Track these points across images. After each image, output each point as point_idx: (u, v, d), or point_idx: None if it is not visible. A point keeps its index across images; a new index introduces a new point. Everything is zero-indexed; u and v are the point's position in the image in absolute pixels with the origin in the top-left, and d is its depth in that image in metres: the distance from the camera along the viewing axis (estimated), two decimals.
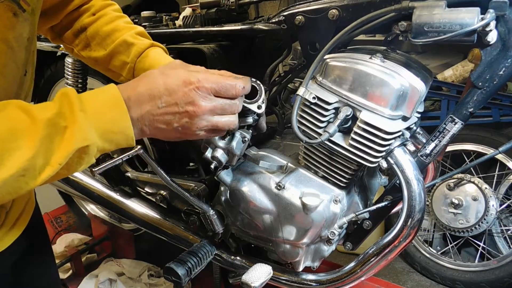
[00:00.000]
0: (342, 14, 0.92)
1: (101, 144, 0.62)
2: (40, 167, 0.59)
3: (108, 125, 0.63)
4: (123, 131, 0.64)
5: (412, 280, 2.23)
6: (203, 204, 1.07)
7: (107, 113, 0.63)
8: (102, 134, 0.62)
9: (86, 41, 0.94)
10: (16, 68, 0.70)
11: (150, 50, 0.93)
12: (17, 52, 0.69)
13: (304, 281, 1.06)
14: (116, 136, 0.63)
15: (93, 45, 0.94)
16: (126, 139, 0.65)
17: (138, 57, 0.92)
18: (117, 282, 1.89)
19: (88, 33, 0.94)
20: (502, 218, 2.16)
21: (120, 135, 0.64)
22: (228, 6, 1.22)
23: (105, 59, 0.94)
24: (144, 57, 0.92)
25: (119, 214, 1.40)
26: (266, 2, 3.04)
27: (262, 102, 0.79)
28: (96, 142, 0.62)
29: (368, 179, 1.10)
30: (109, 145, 0.64)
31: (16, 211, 0.80)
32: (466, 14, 0.74)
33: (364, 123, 0.84)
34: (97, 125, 0.62)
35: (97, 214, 2.13)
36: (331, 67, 0.87)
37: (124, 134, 0.64)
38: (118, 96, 0.64)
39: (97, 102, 0.63)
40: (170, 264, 0.98)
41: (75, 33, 0.94)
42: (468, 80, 0.86)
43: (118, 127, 0.63)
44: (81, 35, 0.94)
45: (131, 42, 0.93)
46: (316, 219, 0.94)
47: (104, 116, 0.63)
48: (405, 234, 0.89)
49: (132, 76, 0.93)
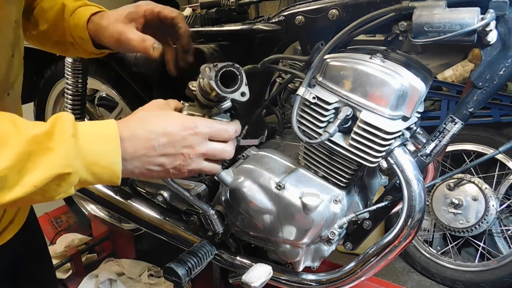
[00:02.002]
0: (342, 14, 0.92)
1: (84, 175, 0.60)
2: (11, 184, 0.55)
3: (97, 157, 0.60)
4: (110, 167, 0.62)
5: (412, 280, 2.23)
6: (203, 204, 1.07)
7: (99, 145, 0.61)
8: (88, 165, 0.60)
9: (35, 20, 0.95)
10: (5, 48, 0.71)
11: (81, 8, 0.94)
12: (5, 33, 0.70)
13: (304, 281, 1.06)
14: (101, 170, 0.61)
15: (40, 22, 0.95)
16: (111, 176, 0.62)
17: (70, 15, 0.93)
18: (117, 282, 1.89)
19: (36, 12, 0.94)
20: (502, 218, 2.17)
21: (106, 170, 0.62)
22: (228, 6, 1.22)
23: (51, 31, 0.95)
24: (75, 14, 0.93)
25: (119, 214, 1.40)
26: (266, 2, 3.04)
27: (246, 87, 0.73)
28: (79, 172, 0.59)
29: (368, 179, 1.10)
30: (92, 178, 0.61)
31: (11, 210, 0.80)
32: (466, 14, 0.74)
33: (364, 123, 0.84)
34: (85, 154, 0.59)
35: (97, 214, 2.13)
36: (331, 67, 0.87)
37: (111, 170, 0.62)
38: (115, 131, 0.63)
39: (92, 132, 0.62)
40: (170, 264, 0.98)
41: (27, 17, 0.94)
42: (468, 80, 0.86)
43: (106, 162, 0.61)
44: (30, 17, 0.95)
45: (65, 4, 0.94)
46: (316, 219, 0.94)
47: (95, 147, 0.61)
48: (405, 234, 0.89)
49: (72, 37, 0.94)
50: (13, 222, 0.81)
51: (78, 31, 0.93)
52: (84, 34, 0.92)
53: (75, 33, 0.93)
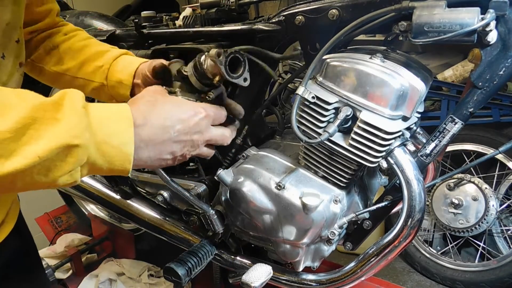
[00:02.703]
0: (342, 14, 0.91)
1: (93, 153, 0.54)
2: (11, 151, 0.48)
3: (108, 135, 0.56)
4: (122, 148, 0.57)
5: (412, 280, 2.23)
6: (203, 204, 1.07)
7: (110, 123, 0.57)
8: (98, 143, 0.55)
9: (59, 56, 0.95)
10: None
11: (125, 56, 0.96)
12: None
13: (304, 281, 1.06)
14: (112, 151, 0.56)
15: (65, 59, 0.95)
16: (123, 159, 0.58)
17: (113, 60, 0.93)
18: (117, 282, 1.89)
19: (61, 49, 0.95)
20: (502, 218, 2.17)
21: (117, 151, 0.57)
22: (228, 6, 1.22)
23: (75, 68, 0.94)
24: (119, 60, 0.94)
25: (119, 214, 1.40)
26: (266, 2, 3.05)
27: (247, 73, 0.74)
28: (89, 147, 0.54)
29: (368, 179, 1.10)
30: (101, 160, 0.56)
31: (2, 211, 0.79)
32: (466, 14, 0.74)
33: (364, 123, 0.84)
34: (95, 129, 0.55)
35: (97, 214, 2.14)
36: (331, 67, 0.87)
37: (122, 152, 0.57)
38: (128, 113, 0.60)
39: (103, 109, 0.58)
40: (170, 264, 0.98)
41: (47, 51, 0.95)
42: (468, 80, 0.86)
43: (118, 141, 0.57)
44: (53, 52, 0.95)
45: (105, 50, 0.95)
46: (316, 219, 0.94)
47: (106, 125, 0.56)
48: (405, 234, 0.89)
49: (105, 79, 0.93)
50: (4, 223, 0.80)
51: (119, 76, 0.92)
52: (127, 79, 0.92)
53: (114, 77, 0.93)
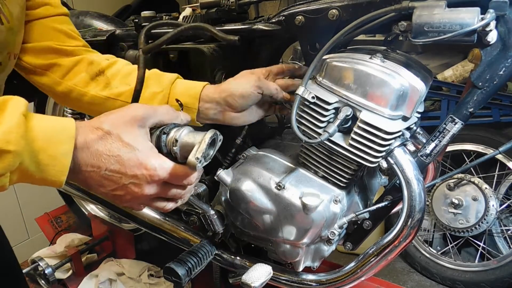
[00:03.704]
0: (342, 14, 0.91)
1: (27, 160, 0.51)
2: None
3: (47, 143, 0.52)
4: (59, 159, 0.53)
5: (412, 280, 2.23)
6: (203, 204, 1.07)
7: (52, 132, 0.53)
8: (35, 151, 0.51)
9: (106, 81, 0.94)
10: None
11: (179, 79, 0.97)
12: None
13: (304, 281, 1.06)
14: (48, 160, 0.52)
15: (113, 83, 0.94)
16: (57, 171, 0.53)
17: (172, 83, 0.94)
18: (117, 282, 1.88)
19: (108, 74, 0.95)
20: (502, 218, 2.17)
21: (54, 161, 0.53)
22: (228, 6, 1.22)
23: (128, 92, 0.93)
24: (176, 83, 0.95)
25: (119, 214, 1.40)
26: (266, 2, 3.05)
27: None
28: (22, 155, 0.50)
29: (368, 179, 1.10)
30: (34, 169, 0.52)
31: None
32: (466, 14, 0.74)
33: (364, 123, 0.84)
34: (34, 136, 0.51)
35: (97, 214, 2.13)
36: (331, 67, 0.87)
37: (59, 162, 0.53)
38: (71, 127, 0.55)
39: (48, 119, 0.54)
40: (170, 264, 0.98)
41: (92, 76, 0.94)
42: (468, 80, 0.86)
43: (56, 151, 0.53)
44: (98, 77, 0.94)
45: (160, 73, 0.96)
46: (316, 219, 0.94)
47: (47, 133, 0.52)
48: (405, 234, 0.89)
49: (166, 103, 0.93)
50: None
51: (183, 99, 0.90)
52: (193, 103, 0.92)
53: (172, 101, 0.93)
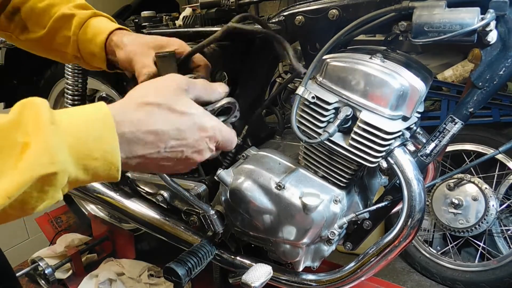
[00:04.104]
0: (342, 14, 0.92)
1: (74, 172, 0.46)
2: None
3: (88, 145, 0.46)
4: (107, 157, 0.48)
5: (412, 280, 2.23)
6: (203, 204, 1.07)
7: (88, 130, 0.47)
8: (78, 159, 0.46)
9: (22, 23, 0.85)
10: None
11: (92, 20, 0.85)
12: None
13: (304, 281, 1.06)
14: (95, 163, 0.47)
15: (30, 26, 0.84)
16: (109, 169, 0.48)
17: (80, 29, 0.83)
18: (117, 282, 1.88)
19: (22, 13, 0.84)
20: (502, 218, 2.17)
21: (101, 163, 0.48)
22: (228, 6, 1.22)
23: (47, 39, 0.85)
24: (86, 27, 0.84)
25: (119, 214, 1.40)
26: (266, 2, 3.04)
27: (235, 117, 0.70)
28: (68, 169, 0.45)
29: (368, 179, 1.10)
30: (84, 175, 0.47)
31: None
32: (466, 14, 0.74)
33: (364, 123, 0.84)
34: (72, 143, 0.45)
35: (97, 214, 2.13)
36: (331, 67, 0.87)
37: (107, 161, 0.48)
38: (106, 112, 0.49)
39: (76, 115, 0.48)
40: (170, 264, 0.98)
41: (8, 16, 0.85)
42: (468, 80, 0.86)
43: (101, 150, 0.47)
44: (15, 17, 0.85)
45: (70, 14, 0.84)
46: (316, 219, 0.94)
47: (84, 133, 0.46)
48: (405, 234, 0.89)
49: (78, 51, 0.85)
50: None
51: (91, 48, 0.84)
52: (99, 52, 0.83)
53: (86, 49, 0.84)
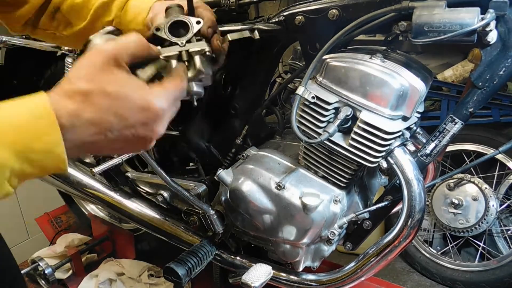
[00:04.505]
0: (342, 14, 0.91)
1: (17, 165, 0.46)
2: None
3: (27, 139, 0.46)
4: (50, 148, 0.47)
5: (412, 280, 2.23)
6: (203, 204, 1.07)
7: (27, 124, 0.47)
8: (19, 152, 0.46)
9: (65, 19, 0.88)
10: None
11: (131, 1, 0.87)
12: None
13: (304, 281, 1.06)
14: (38, 155, 0.47)
15: (73, 20, 0.87)
16: (55, 160, 0.48)
17: (121, 11, 0.85)
18: (117, 282, 1.88)
19: (63, 11, 0.87)
20: (502, 218, 2.16)
21: (46, 154, 0.48)
22: (228, 6, 1.22)
23: (89, 28, 0.86)
24: (126, 10, 0.85)
25: (119, 214, 1.40)
26: (266, 2, 3.04)
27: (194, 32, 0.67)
28: (9, 162, 0.45)
29: (368, 179, 1.10)
30: (30, 168, 0.47)
31: None
32: (466, 14, 0.74)
33: (364, 123, 0.84)
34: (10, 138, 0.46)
35: (97, 214, 2.13)
36: (331, 67, 0.87)
37: (52, 153, 0.48)
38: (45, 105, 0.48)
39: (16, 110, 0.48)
40: (170, 264, 0.98)
41: (50, 15, 0.88)
42: (468, 80, 0.86)
43: (42, 143, 0.47)
44: (56, 15, 0.88)
45: (108, 1, 0.86)
46: (316, 219, 0.94)
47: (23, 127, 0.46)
48: (405, 234, 0.89)
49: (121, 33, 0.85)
50: None
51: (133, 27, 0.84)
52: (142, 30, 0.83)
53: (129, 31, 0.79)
